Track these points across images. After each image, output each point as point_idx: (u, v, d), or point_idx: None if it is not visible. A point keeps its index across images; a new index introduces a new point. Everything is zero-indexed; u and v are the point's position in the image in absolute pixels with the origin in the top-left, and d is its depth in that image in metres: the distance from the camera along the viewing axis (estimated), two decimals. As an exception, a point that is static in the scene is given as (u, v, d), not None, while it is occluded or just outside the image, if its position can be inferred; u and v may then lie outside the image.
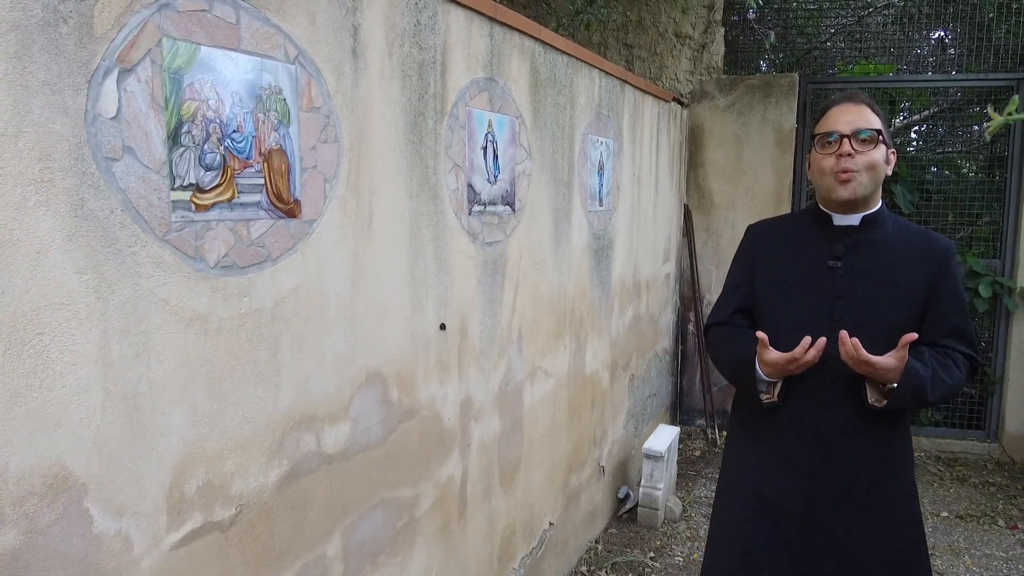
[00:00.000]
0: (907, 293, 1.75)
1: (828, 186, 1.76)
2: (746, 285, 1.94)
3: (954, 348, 1.76)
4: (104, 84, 1.18)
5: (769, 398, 1.80)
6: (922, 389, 1.66)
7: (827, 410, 1.76)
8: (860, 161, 1.71)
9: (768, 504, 1.83)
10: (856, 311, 1.75)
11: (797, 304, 1.82)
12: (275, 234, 1.53)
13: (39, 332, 1.11)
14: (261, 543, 1.54)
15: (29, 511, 1.12)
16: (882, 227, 1.80)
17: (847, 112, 1.75)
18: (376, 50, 1.80)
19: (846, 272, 1.78)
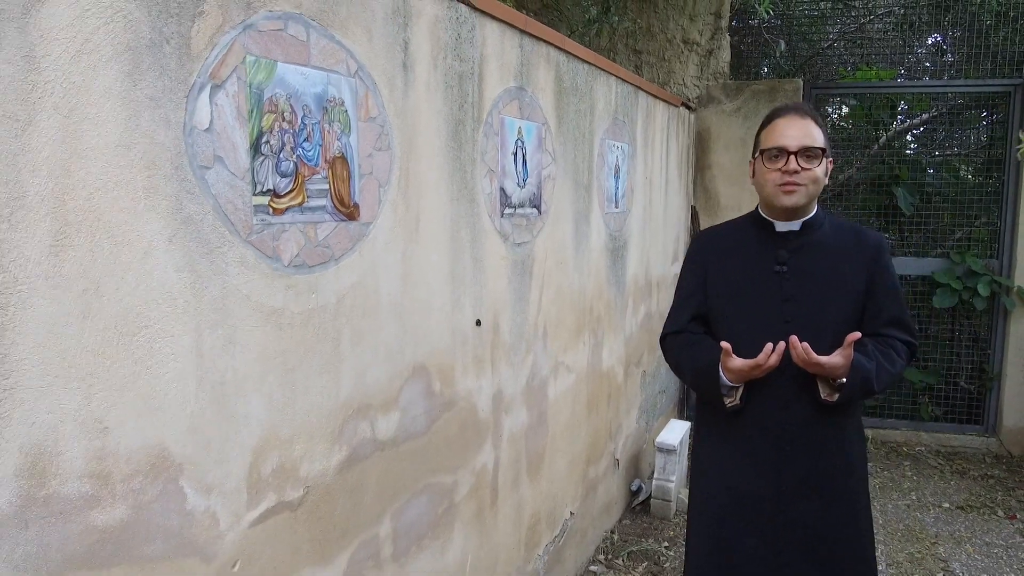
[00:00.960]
0: (849, 289, 1.87)
1: (772, 196, 1.86)
2: (699, 293, 2.02)
3: (894, 336, 1.90)
4: (199, 98, 1.30)
5: (732, 402, 1.89)
6: (868, 381, 1.79)
7: (787, 407, 1.87)
8: (804, 176, 1.81)
9: (740, 499, 1.93)
10: (805, 311, 1.86)
11: (749, 309, 1.91)
12: (338, 235, 1.65)
13: (146, 325, 1.23)
14: (324, 523, 1.66)
15: (135, 487, 1.23)
16: (820, 229, 1.92)
17: (794, 126, 1.82)
18: (423, 63, 1.91)
19: (792, 275, 1.89)
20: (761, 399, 1.89)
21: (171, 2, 1.23)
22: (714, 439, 2.02)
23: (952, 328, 5.12)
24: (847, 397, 1.80)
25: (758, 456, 1.90)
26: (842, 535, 1.89)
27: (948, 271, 4.81)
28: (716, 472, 2.00)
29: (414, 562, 2.01)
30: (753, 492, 1.91)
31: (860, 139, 5.44)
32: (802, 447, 1.87)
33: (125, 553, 1.21)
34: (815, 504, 1.87)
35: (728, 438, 1.96)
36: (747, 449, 1.92)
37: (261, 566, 1.49)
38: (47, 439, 1.09)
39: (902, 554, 3.48)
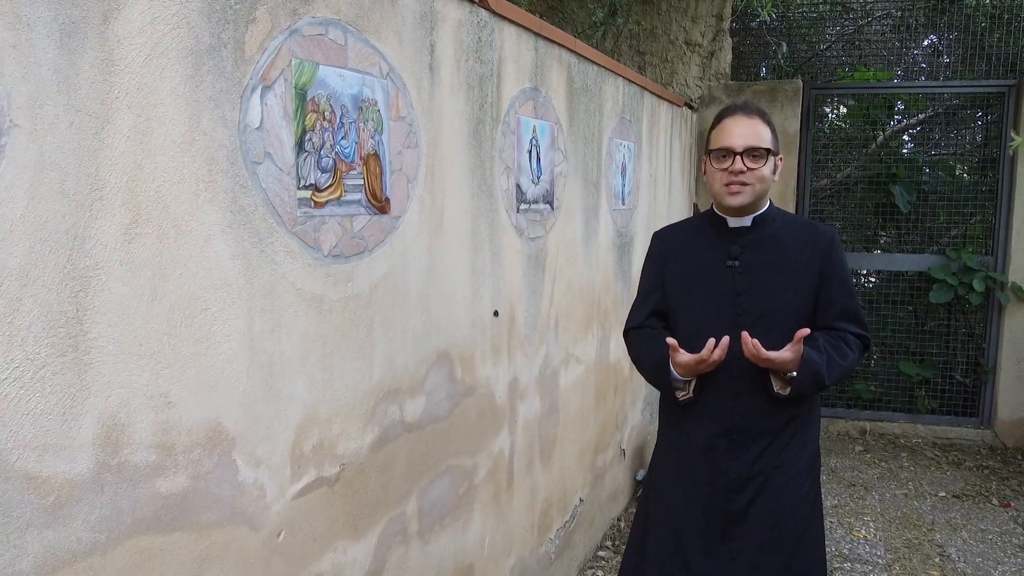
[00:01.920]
0: (800, 282, 1.91)
1: (720, 195, 1.91)
2: (657, 290, 2.07)
3: (845, 329, 1.93)
4: (251, 99, 1.40)
5: (685, 395, 1.96)
6: (819, 375, 1.82)
7: (739, 397, 1.92)
8: (750, 176, 1.85)
9: (694, 488, 1.98)
10: (757, 304, 1.91)
11: (703, 303, 1.97)
12: (371, 228, 1.75)
13: (205, 308, 1.33)
14: (357, 498, 1.76)
15: (195, 459, 1.33)
16: (771, 224, 1.96)
17: (741, 125, 1.86)
18: (447, 65, 2.01)
19: (744, 270, 1.93)
20: (713, 390, 1.93)
21: (228, 10, 1.33)
22: (671, 429, 2.08)
23: (948, 323, 5.23)
24: (798, 391, 1.84)
25: (712, 445, 1.95)
26: (791, 523, 1.93)
27: (944, 267, 4.92)
28: (672, 460, 2.05)
29: (437, 539, 2.11)
30: (706, 481, 1.96)
31: (858, 138, 5.55)
32: (753, 437, 1.92)
33: (185, 519, 1.31)
34: (765, 493, 1.91)
35: (683, 428, 2.01)
36: (700, 439, 1.97)
37: (302, 537, 1.59)
38: (120, 411, 1.19)
39: (899, 540, 3.59)
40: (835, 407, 5.36)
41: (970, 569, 3.31)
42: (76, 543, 1.13)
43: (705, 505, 1.96)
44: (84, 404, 1.13)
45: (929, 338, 5.22)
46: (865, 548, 3.52)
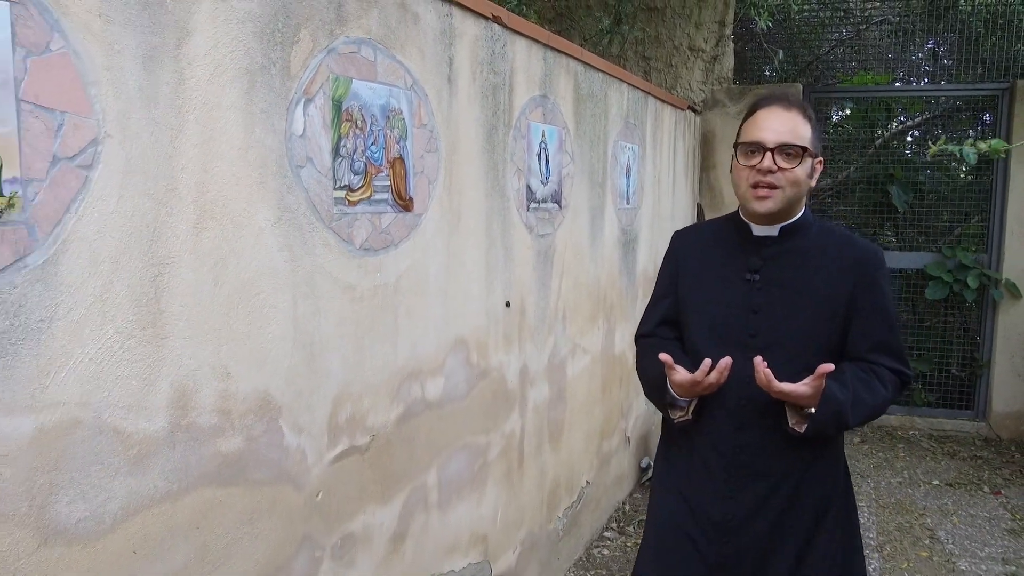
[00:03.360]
0: (826, 305, 1.66)
1: (744, 198, 1.67)
2: (670, 295, 1.87)
3: (881, 364, 1.68)
4: (296, 110, 1.59)
5: (682, 416, 1.74)
6: (841, 415, 1.58)
7: (742, 430, 1.69)
8: (781, 177, 1.60)
9: (691, 518, 1.78)
10: (773, 325, 1.67)
11: (715, 317, 1.74)
12: (397, 224, 1.94)
13: (257, 293, 1.52)
14: (384, 467, 1.95)
15: (248, 424, 1.53)
16: (804, 236, 1.71)
17: (776, 118, 1.61)
18: (464, 77, 2.21)
19: (763, 285, 1.70)
20: (715, 417, 1.72)
21: (276, 33, 1.53)
22: (674, 449, 1.86)
23: (944, 319, 5.39)
24: (816, 430, 1.59)
25: (711, 476, 1.74)
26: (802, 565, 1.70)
27: (940, 264, 5.08)
28: (671, 484, 1.85)
29: (455, 510, 2.30)
30: (703, 514, 1.75)
31: (858, 140, 5.71)
32: (758, 474, 1.69)
33: (240, 476, 1.51)
34: (761, 538, 1.69)
35: (685, 451, 1.81)
36: (701, 468, 1.76)
37: (337, 499, 1.79)
38: (188, 379, 1.39)
39: (892, 524, 3.77)
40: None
41: (958, 550, 3.48)
42: (153, 490, 1.33)
43: (698, 540, 1.76)
44: (160, 372, 1.33)
45: (926, 334, 5.38)
46: (859, 531, 3.69)
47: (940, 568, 3.32)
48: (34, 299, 1.12)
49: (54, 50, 1.13)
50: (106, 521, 1.25)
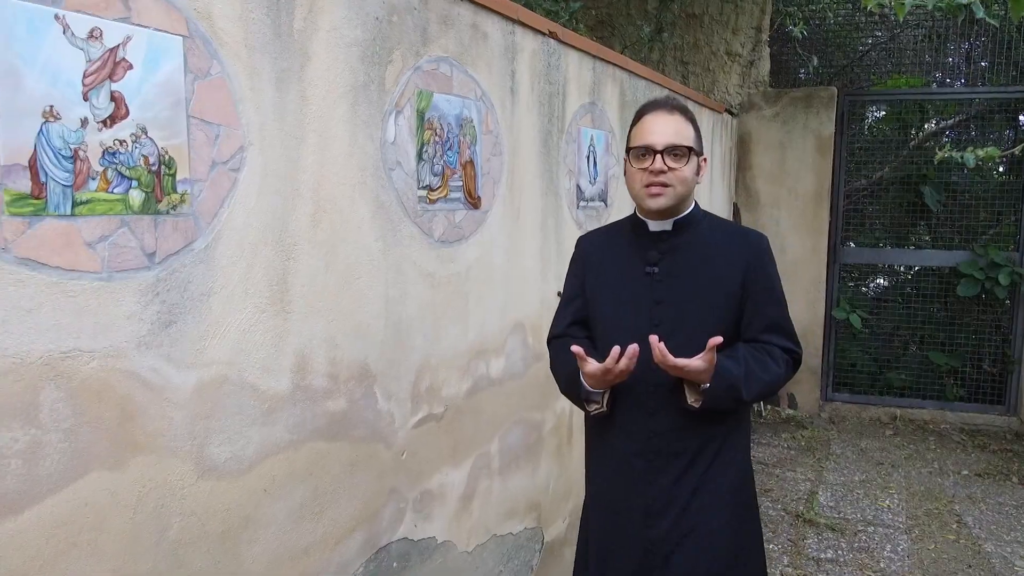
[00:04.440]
0: (721, 291, 1.77)
1: (639, 197, 1.78)
2: (578, 297, 1.94)
3: (772, 343, 1.79)
4: (389, 121, 1.85)
5: (597, 408, 1.81)
6: (735, 388, 1.68)
7: (653, 415, 1.77)
8: (672, 176, 1.72)
9: (614, 510, 1.86)
10: (675, 314, 1.76)
11: (621, 311, 1.82)
12: (467, 220, 2.20)
13: (358, 277, 1.79)
14: (455, 434, 2.21)
15: (350, 388, 1.79)
16: (695, 229, 1.82)
17: (661, 122, 1.73)
18: (524, 87, 2.46)
19: (663, 277, 1.80)
20: (628, 407, 1.80)
21: (374, 55, 1.79)
22: (593, 444, 1.96)
23: (977, 316, 5.50)
24: (711, 404, 1.70)
25: (627, 463, 1.82)
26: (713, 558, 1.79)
27: (972, 263, 5.21)
28: (595, 480, 1.94)
29: (512, 477, 2.55)
30: (625, 503, 1.83)
31: (892, 141, 5.84)
32: (669, 458, 1.78)
33: (344, 433, 1.77)
34: (683, 519, 1.78)
35: (603, 446, 1.89)
36: (618, 458, 1.84)
37: (418, 459, 2.04)
38: (307, 348, 1.65)
39: (920, 509, 3.93)
40: (867, 394, 5.67)
41: (984, 534, 3.64)
42: (279, 440, 1.59)
43: (624, 530, 1.84)
44: (286, 340, 1.59)
45: (958, 330, 5.50)
46: (888, 515, 3.87)
47: (966, 550, 3.49)
48: (198, 277, 1.39)
49: (213, 74, 1.39)
50: (245, 462, 1.52)
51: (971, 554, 3.45)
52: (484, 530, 2.40)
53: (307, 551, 1.68)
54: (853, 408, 5.61)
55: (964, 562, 3.38)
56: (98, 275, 1.21)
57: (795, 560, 3.40)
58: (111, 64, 1.21)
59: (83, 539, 1.22)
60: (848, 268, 5.87)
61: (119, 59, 1.22)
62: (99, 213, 1.21)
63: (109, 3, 1.20)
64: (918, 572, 3.29)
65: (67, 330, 1.18)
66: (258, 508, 1.55)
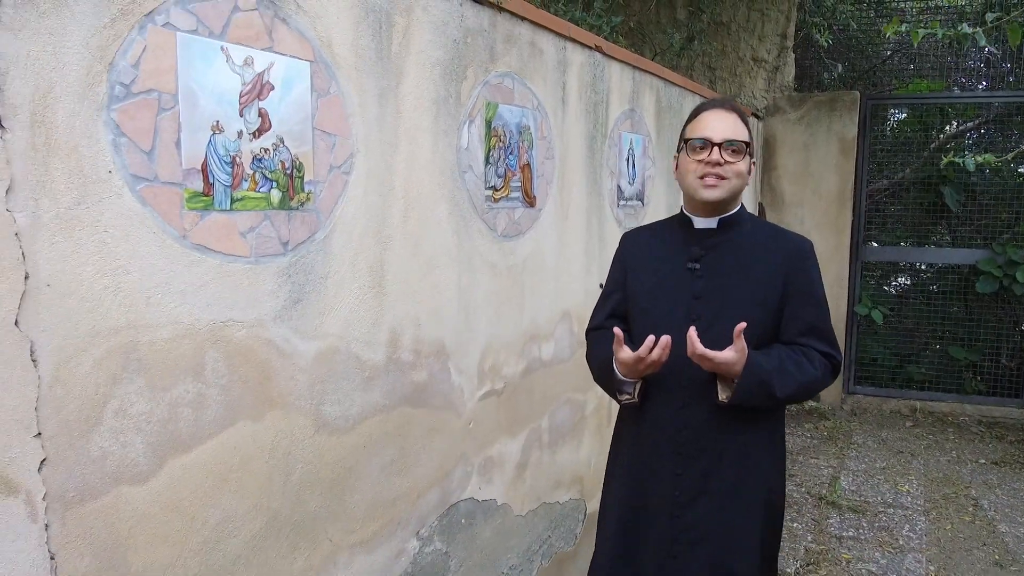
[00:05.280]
0: (761, 291, 1.78)
1: (693, 188, 1.79)
2: (618, 291, 1.98)
3: (810, 346, 1.79)
4: (463, 130, 2.11)
5: (628, 398, 1.83)
6: (767, 384, 1.68)
7: (685, 408, 1.79)
8: (728, 169, 1.75)
9: (642, 504, 1.88)
10: (713, 310, 1.77)
11: (660, 306, 1.84)
12: (524, 217, 2.45)
13: (437, 266, 2.05)
14: (512, 410, 2.46)
15: (430, 363, 2.05)
16: (740, 229, 1.84)
17: (719, 119, 1.77)
18: (573, 97, 2.71)
19: (704, 273, 1.81)
20: (660, 400, 1.83)
21: (453, 72, 2.05)
22: (623, 440, 1.98)
23: (995, 311, 5.68)
24: (742, 398, 1.70)
25: (659, 457, 1.84)
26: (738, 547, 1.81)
27: (990, 260, 5.39)
28: (622, 475, 1.95)
29: (559, 452, 2.80)
30: (654, 496, 1.85)
31: (914, 143, 6.03)
32: (699, 452, 1.80)
33: (424, 401, 2.04)
34: (712, 514, 1.80)
35: (634, 440, 1.91)
36: (648, 453, 1.86)
37: (482, 429, 2.30)
38: (397, 325, 1.91)
39: (938, 494, 4.14)
40: (888, 387, 5.86)
41: (999, 516, 3.84)
42: (374, 404, 1.86)
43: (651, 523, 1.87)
44: (382, 318, 1.86)
45: (977, 325, 5.68)
46: (907, 499, 4.08)
47: (981, 530, 3.70)
48: (319, 263, 1.65)
49: (332, 93, 1.66)
50: (350, 421, 1.78)
51: (986, 534, 3.65)
52: (535, 497, 2.65)
53: (395, 502, 1.94)
54: (874, 401, 5.80)
55: (979, 540, 3.59)
56: (248, 259, 1.48)
57: (818, 537, 3.62)
58: (259, 86, 1.48)
59: (232, 476, 1.49)
60: (870, 266, 6.06)
61: (265, 81, 1.49)
62: (249, 208, 1.48)
63: (259, 35, 1.47)
64: (934, 549, 3.51)
65: (225, 303, 1.45)
66: (359, 461, 1.82)
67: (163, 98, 1.30)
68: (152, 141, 1.29)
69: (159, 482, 1.34)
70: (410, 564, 2.01)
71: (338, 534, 1.76)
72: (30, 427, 1.14)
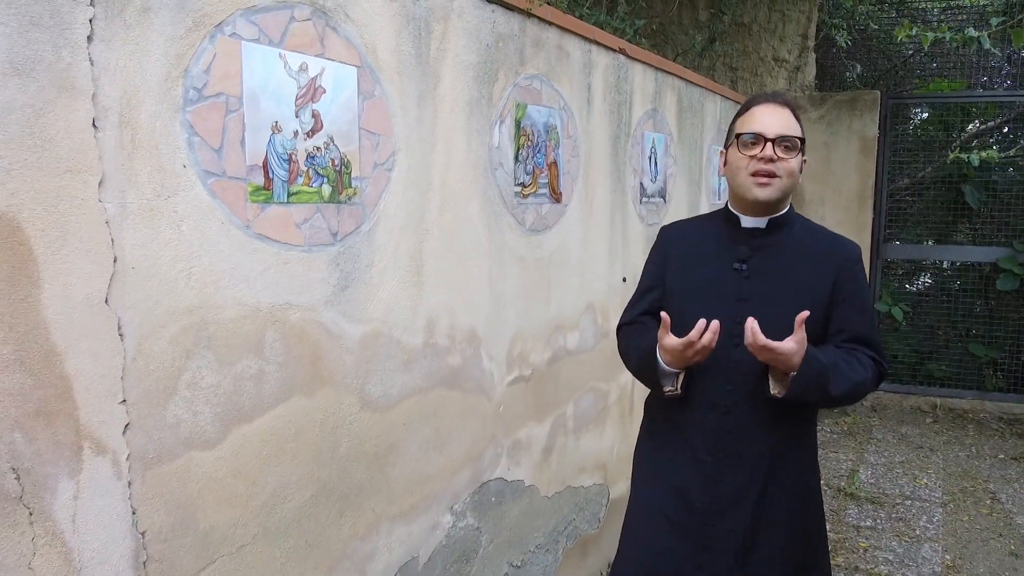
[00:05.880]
0: (809, 294, 1.72)
1: (744, 186, 1.72)
2: (657, 287, 1.91)
3: (859, 350, 1.75)
4: (494, 129, 2.24)
5: (672, 390, 1.76)
6: (824, 377, 1.63)
7: (728, 413, 1.75)
8: (780, 167, 1.68)
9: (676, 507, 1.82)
10: (759, 312, 1.68)
11: (704, 306, 1.75)
12: (551, 212, 2.58)
13: (470, 257, 2.18)
14: (539, 396, 2.59)
15: (463, 348, 2.18)
16: (789, 230, 1.78)
17: (771, 113, 1.70)
18: (597, 98, 2.83)
19: (751, 274, 1.76)
20: (702, 402, 1.77)
21: (485, 75, 2.18)
22: (656, 441, 1.92)
23: (1016, 308, 5.70)
24: (798, 392, 1.64)
25: (698, 461, 1.79)
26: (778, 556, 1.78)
27: (1011, 258, 5.42)
28: (655, 476, 1.89)
29: (583, 438, 2.92)
30: (690, 500, 1.80)
31: (935, 142, 6.07)
32: (741, 457, 1.75)
33: (458, 384, 2.17)
34: (748, 514, 1.76)
35: (670, 442, 1.86)
36: (687, 455, 1.81)
37: (511, 413, 2.43)
38: (434, 312, 2.04)
39: (956, 487, 4.20)
40: (907, 384, 5.91)
41: (1016, 509, 3.90)
42: (414, 385, 1.99)
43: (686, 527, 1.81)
44: (420, 305, 1.99)
45: (998, 323, 5.71)
46: (925, 491, 4.15)
47: (998, 522, 3.76)
48: (364, 252, 1.79)
49: (376, 95, 1.79)
50: (391, 400, 1.91)
51: (1003, 525, 3.72)
52: (560, 480, 2.77)
53: (431, 478, 2.08)
54: (894, 397, 5.85)
55: (995, 532, 3.65)
56: (302, 248, 1.62)
57: (836, 527, 3.71)
58: (312, 89, 1.62)
59: (287, 447, 1.63)
60: (891, 264, 6.11)
61: (317, 85, 1.63)
62: (303, 202, 1.62)
63: (312, 43, 1.61)
64: (951, 539, 3.58)
65: (282, 288, 1.58)
66: (398, 438, 1.95)
67: (230, 101, 1.44)
68: (221, 139, 1.43)
69: (224, 448, 1.48)
70: (445, 537, 2.14)
71: (380, 505, 1.89)
72: (117, 395, 1.29)
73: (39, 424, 1.19)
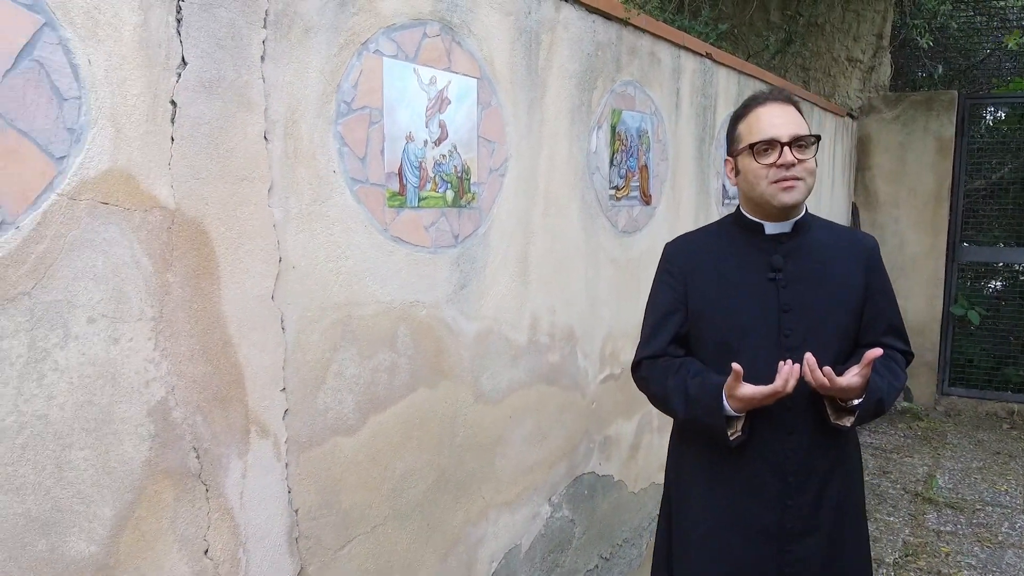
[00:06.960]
0: (847, 294, 1.69)
1: (768, 193, 1.61)
2: (679, 311, 1.75)
3: (892, 346, 1.73)
4: (592, 135, 2.32)
5: (735, 434, 1.62)
6: (881, 403, 1.61)
7: (792, 434, 1.66)
8: (801, 169, 1.60)
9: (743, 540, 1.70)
10: (805, 321, 1.64)
11: (745, 322, 1.66)
12: (641, 214, 2.65)
13: (569, 258, 2.26)
14: (627, 394, 2.66)
15: (561, 345, 2.27)
16: (811, 231, 1.72)
17: (779, 114, 1.62)
18: (685, 102, 2.89)
19: (788, 282, 1.67)
20: (763, 427, 1.65)
21: (585, 83, 2.26)
22: (703, 477, 1.76)
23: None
24: (861, 420, 1.63)
25: (764, 489, 1.67)
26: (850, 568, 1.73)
27: (1096, 262, 5.28)
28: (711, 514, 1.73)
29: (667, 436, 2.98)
30: (757, 530, 1.68)
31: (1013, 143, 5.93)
32: (806, 477, 1.67)
33: (556, 380, 2.26)
34: (822, 538, 1.68)
35: (721, 474, 1.71)
36: (747, 484, 1.68)
37: (603, 409, 2.51)
38: (537, 311, 2.14)
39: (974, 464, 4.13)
40: (984, 389, 5.79)
41: (1103, 517, 3.82)
42: (519, 380, 2.09)
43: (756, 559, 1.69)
44: (525, 304, 2.09)
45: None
46: (1006, 498, 4.08)
47: (1084, 530, 3.69)
48: (479, 253, 1.89)
49: (492, 105, 1.90)
50: (500, 394, 2.02)
51: (1089, 534, 3.65)
52: (646, 477, 2.84)
53: (532, 469, 2.17)
54: (970, 402, 5.74)
55: (1082, 541, 3.59)
56: (429, 249, 1.73)
57: (916, 531, 3.69)
58: (440, 101, 1.73)
59: (413, 434, 1.74)
60: (966, 267, 5.99)
61: (444, 97, 1.74)
62: (431, 206, 1.73)
63: (440, 58, 1.72)
64: (1036, 546, 3.54)
65: (413, 287, 1.70)
66: (505, 430, 2.05)
67: (372, 113, 1.56)
68: (365, 149, 1.54)
69: (363, 435, 1.60)
70: (543, 526, 2.24)
71: (489, 493, 2.00)
72: (278, 383, 1.41)
73: (216, 408, 1.32)
